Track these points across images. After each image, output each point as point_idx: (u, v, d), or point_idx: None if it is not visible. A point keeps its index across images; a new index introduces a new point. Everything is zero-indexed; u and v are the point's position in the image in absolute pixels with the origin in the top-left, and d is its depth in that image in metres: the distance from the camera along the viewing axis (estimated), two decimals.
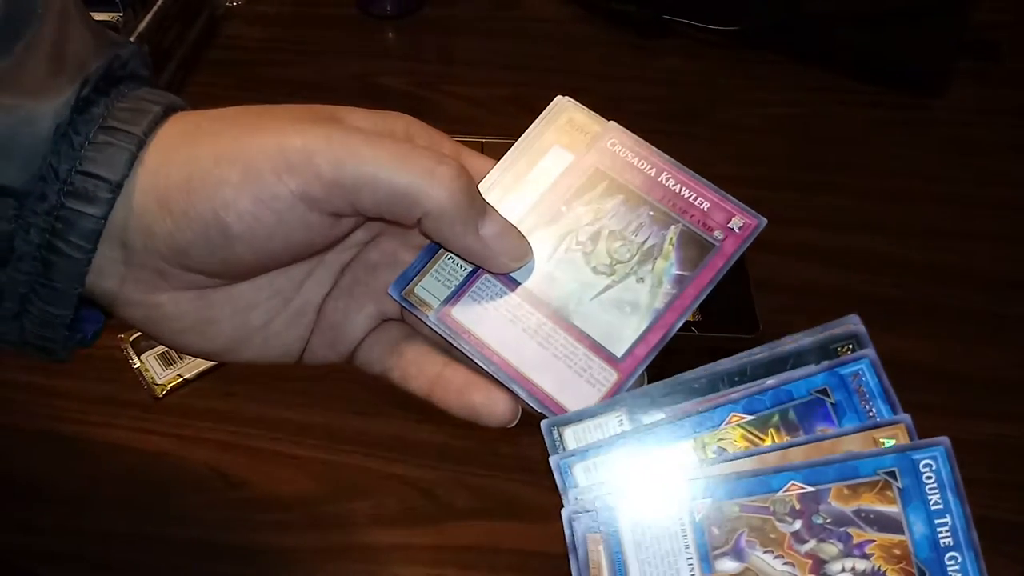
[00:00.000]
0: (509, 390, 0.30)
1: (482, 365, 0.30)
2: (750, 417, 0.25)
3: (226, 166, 0.27)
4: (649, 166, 0.32)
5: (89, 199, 0.27)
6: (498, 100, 0.75)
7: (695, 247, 0.30)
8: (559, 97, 0.33)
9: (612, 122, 0.33)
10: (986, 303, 0.60)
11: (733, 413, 0.25)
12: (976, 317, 0.59)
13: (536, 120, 0.33)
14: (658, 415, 0.26)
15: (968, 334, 0.58)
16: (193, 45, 0.78)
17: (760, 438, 0.25)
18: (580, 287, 0.31)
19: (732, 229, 0.30)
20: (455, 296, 0.31)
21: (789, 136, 0.72)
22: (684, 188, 0.31)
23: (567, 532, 0.24)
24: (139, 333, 0.57)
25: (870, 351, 0.25)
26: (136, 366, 0.56)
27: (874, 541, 0.23)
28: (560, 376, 0.29)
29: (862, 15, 0.74)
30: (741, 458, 0.24)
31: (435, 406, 0.31)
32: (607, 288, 0.30)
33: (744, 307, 0.52)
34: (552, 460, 0.26)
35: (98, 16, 0.68)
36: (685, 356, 0.52)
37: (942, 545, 0.23)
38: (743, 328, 0.51)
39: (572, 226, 0.31)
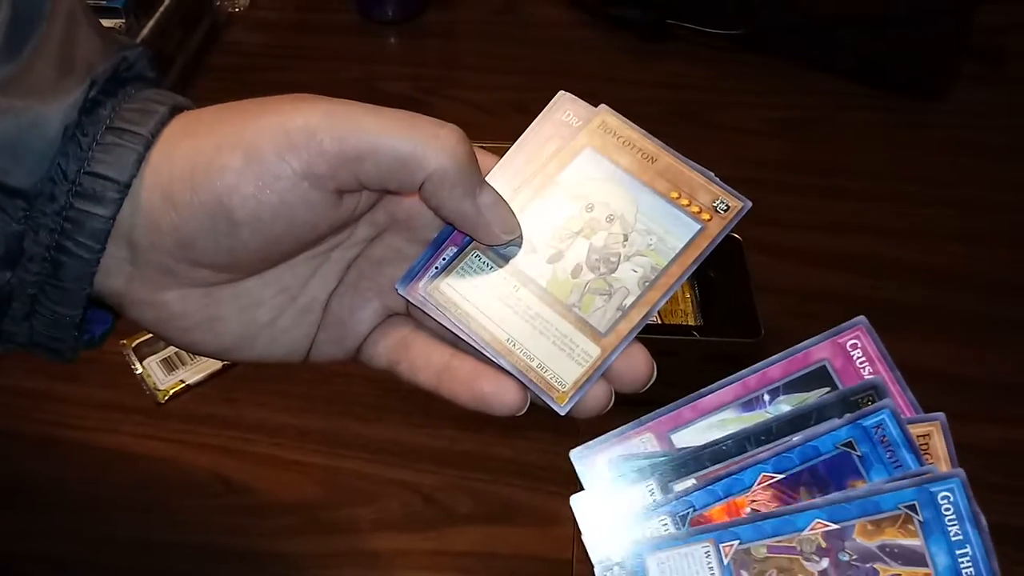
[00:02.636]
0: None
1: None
2: (780, 476, 0.25)
3: (227, 152, 0.27)
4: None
5: (97, 200, 0.27)
6: (500, 104, 0.75)
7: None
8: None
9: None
10: (991, 306, 0.60)
11: (763, 473, 0.25)
12: (981, 320, 0.59)
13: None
14: (689, 481, 0.26)
15: (973, 338, 0.58)
16: (195, 51, 0.79)
17: (792, 496, 0.25)
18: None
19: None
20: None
21: (791, 140, 0.72)
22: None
23: None
24: (141, 339, 0.57)
25: (889, 400, 0.25)
26: (138, 372, 0.56)
27: (899, 575, 0.23)
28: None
29: (865, 19, 0.74)
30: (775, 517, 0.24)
31: (443, 398, 0.31)
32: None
33: (746, 311, 0.51)
34: (586, 539, 0.26)
35: None
36: (687, 360, 0.52)
37: (964, 575, 0.23)
38: (745, 332, 0.51)
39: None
